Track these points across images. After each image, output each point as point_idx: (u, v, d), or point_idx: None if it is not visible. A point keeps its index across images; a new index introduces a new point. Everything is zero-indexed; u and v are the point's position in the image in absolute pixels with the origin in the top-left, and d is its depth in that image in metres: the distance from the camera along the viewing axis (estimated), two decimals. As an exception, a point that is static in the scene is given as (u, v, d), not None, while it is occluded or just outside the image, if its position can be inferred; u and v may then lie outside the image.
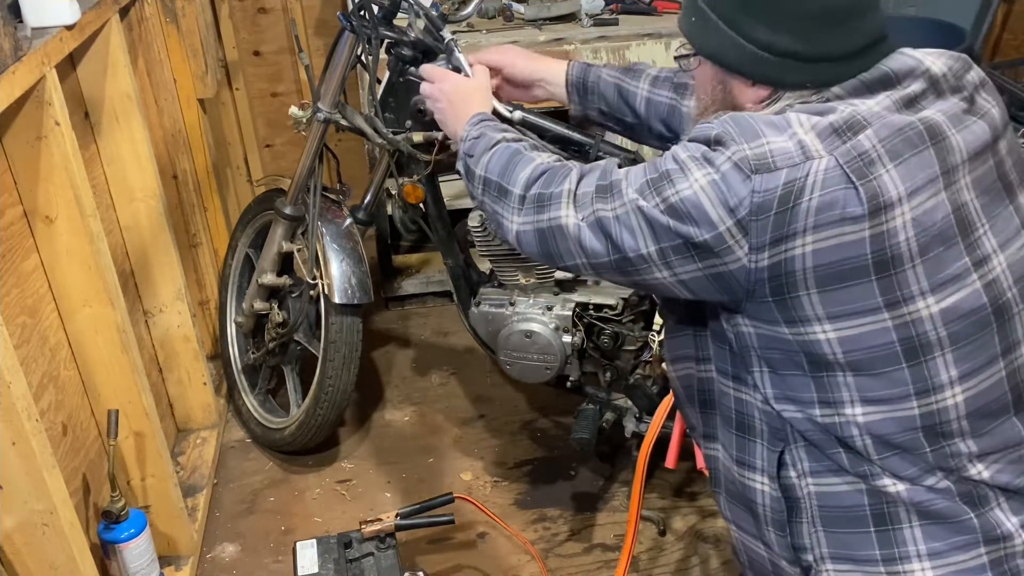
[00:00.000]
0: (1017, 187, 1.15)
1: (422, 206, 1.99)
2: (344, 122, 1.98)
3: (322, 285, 2.08)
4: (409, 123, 1.89)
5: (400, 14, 1.86)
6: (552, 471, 2.24)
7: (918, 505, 1.09)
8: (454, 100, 1.55)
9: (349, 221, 2.13)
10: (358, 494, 2.21)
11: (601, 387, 2.00)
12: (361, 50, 1.90)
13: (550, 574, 1.96)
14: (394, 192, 2.04)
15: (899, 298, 1.04)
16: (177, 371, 2.23)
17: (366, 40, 1.84)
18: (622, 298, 1.90)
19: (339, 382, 2.13)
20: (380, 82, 1.91)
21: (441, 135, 1.86)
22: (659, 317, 1.82)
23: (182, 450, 2.28)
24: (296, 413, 2.25)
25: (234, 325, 2.44)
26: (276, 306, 2.28)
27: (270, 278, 2.24)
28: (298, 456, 2.32)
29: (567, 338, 1.92)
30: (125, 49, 1.83)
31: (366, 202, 2.18)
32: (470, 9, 1.99)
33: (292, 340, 2.28)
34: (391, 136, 1.88)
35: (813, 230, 1.01)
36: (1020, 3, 3.20)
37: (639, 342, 1.90)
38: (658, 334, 1.80)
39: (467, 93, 1.56)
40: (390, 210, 2.79)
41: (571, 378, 2.00)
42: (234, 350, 2.45)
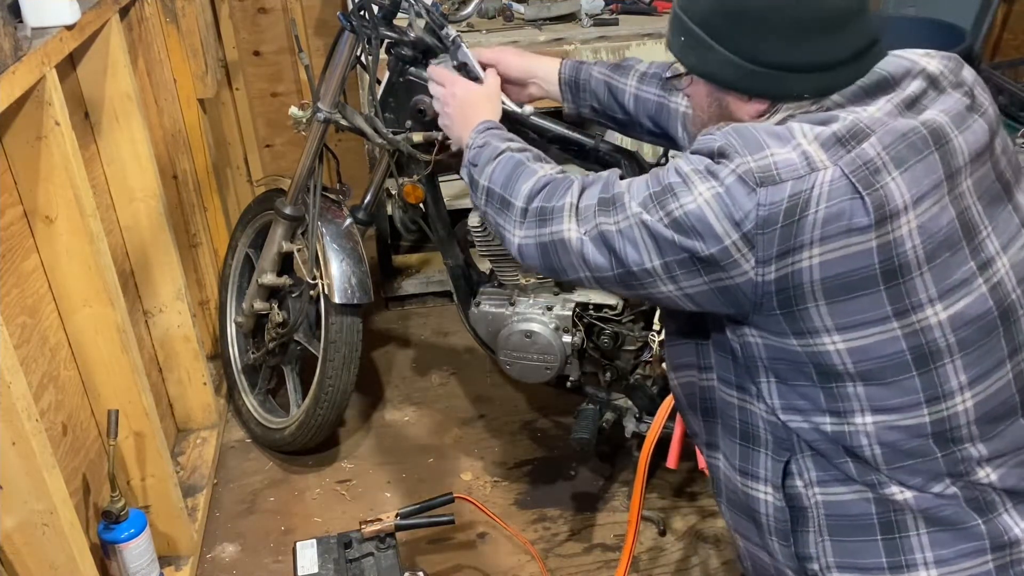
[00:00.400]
0: (1014, 186, 1.15)
1: (422, 206, 1.99)
2: (344, 122, 1.98)
3: (322, 285, 2.08)
4: (409, 123, 1.89)
5: (400, 14, 1.86)
6: (552, 471, 2.24)
7: (925, 512, 1.09)
8: (462, 106, 1.53)
9: (349, 221, 2.13)
10: (358, 494, 2.21)
11: (601, 387, 2.00)
12: (361, 50, 1.90)
13: (550, 574, 1.96)
14: (394, 192, 2.04)
15: (908, 306, 1.03)
16: (177, 371, 2.23)
17: (366, 40, 1.84)
18: (622, 298, 1.90)
19: (339, 382, 2.13)
20: (380, 82, 1.91)
21: (441, 135, 1.86)
22: (658, 318, 1.82)
23: (182, 450, 2.28)
24: (296, 413, 2.25)
25: (234, 325, 2.44)
26: (276, 306, 2.28)
27: (270, 278, 2.24)
28: (298, 456, 2.32)
29: (567, 338, 1.92)
30: (125, 49, 1.83)
31: (366, 202, 2.18)
32: (470, 9, 1.99)
33: (292, 340, 2.28)
34: (391, 136, 1.88)
35: (820, 242, 1.01)
36: (1020, 3, 3.20)
37: (639, 342, 1.90)
38: (658, 334, 1.80)
39: (475, 99, 1.55)
40: (390, 210, 2.79)
41: (571, 378, 2.00)
42: (234, 350, 2.45)
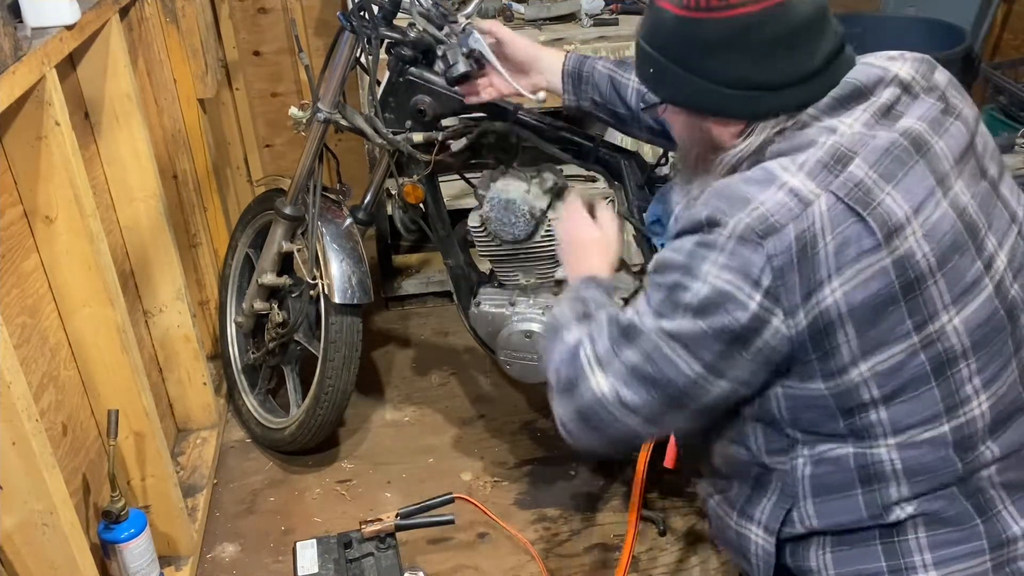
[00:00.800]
0: (998, 180, 1.15)
1: (422, 206, 1.99)
2: (344, 122, 1.98)
3: (322, 285, 2.08)
4: (409, 123, 1.89)
5: (400, 14, 1.86)
6: (552, 471, 2.24)
7: (926, 515, 1.08)
8: (577, 249, 1.46)
9: (349, 221, 2.13)
10: (358, 494, 2.21)
11: (601, 387, 1.99)
12: (361, 50, 1.90)
13: (550, 574, 1.96)
14: (394, 192, 2.04)
15: (925, 317, 1.02)
16: (177, 371, 2.23)
17: (366, 40, 1.84)
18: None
19: (339, 382, 2.13)
20: (380, 83, 1.91)
21: (441, 136, 1.87)
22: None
23: (182, 450, 2.28)
24: (296, 413, 2.25)
25: (234, 325, 2.44)
26: (276, 306, 2.28)
27: (270, 278, 2.24)
28: (298, 456, 2.32)
29: (567, 338, 1.91)
30: (125, 49, 1.83)
31: (366, 202, 2.18)
32: (470, 9, 1.99)
33: (292, 340, 2.27)
34: (391, 136, 1.89)
35: (838, 273, 0.99)
36: (1020, 3, 3.20)
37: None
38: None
39: (591, 247, 1.45)
40: (390, 210, 2.79)
41: (571, 378, 2.00)
42: (234, 350, 2.45)
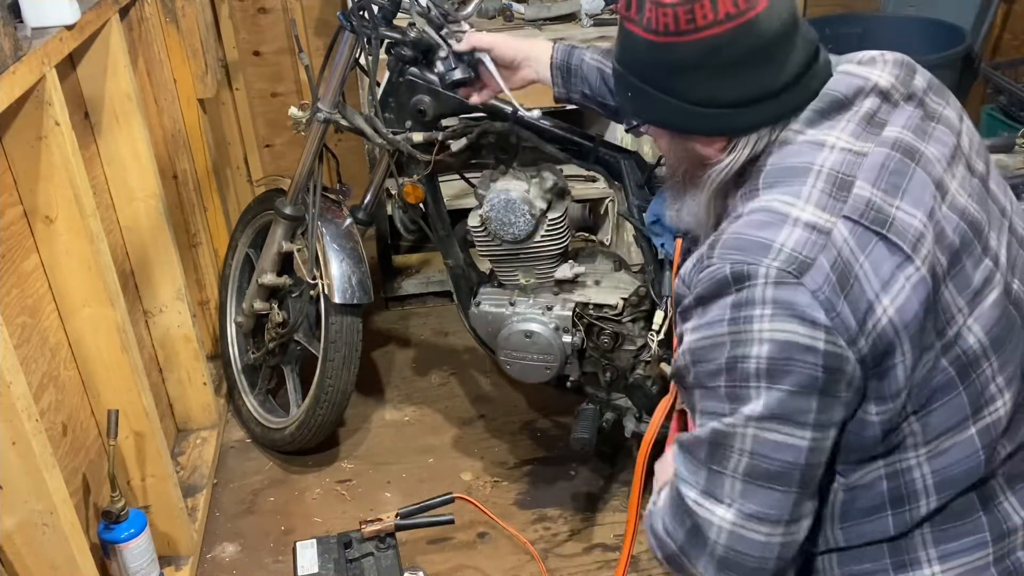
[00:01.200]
0: (987, 176, 1.14)
1: (422, 206, 1.99)
2: (344, 122, 1.98)
3: (322, 285, 2.08)
4: (409, 123, 1.89)
5: (400, 14, 1.86)
6: (552, 471, 2.24)
7: (934, 511, 1.08)
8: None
9: (349, 221, 2.13)
10: (358, 494, 2.21)
11: (601, 387, 2.00)
12: (360, 50, 1.90)
13: (550, 574, 1.96)
14: (394, 192, 2.04)
15: (944, 322, 1.01)
16: (177, 371, 2.23)
17: (366, 40, 1.84)
18: (622, 298, 1.90)
19: (339, 382, 2.13)
20: (379, 83, 1.91)
21: (441, 136, 1.86)
22: (658, 318, 1.82)
23: (182, 450, 2.28)
24: (296, 413, 2.25)
25: (234, 325, 2.44)
26: (276, 306, 2.28)
27: (270, 278, 2.24)
28: (298, 456, 2.32)
29: (567, 338, 1.92)
30: (125, 49, 1.83)
31: (366, 202, 2.18)
32: (470, 9, 1.99)
33: (292, 340, 2.27)
34: (391, 136, 1.89)
35: (884, 291, 0.97)
36: (1020, 3, 3.19)
37: (639, 342, 1.90)
38: (657, 334, 1.80)
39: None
40: (390, 210, 2.79)
41: (571, 378, 2.00)
42: (234, 350, 2.45)
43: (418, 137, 1.88)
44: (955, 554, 1.08)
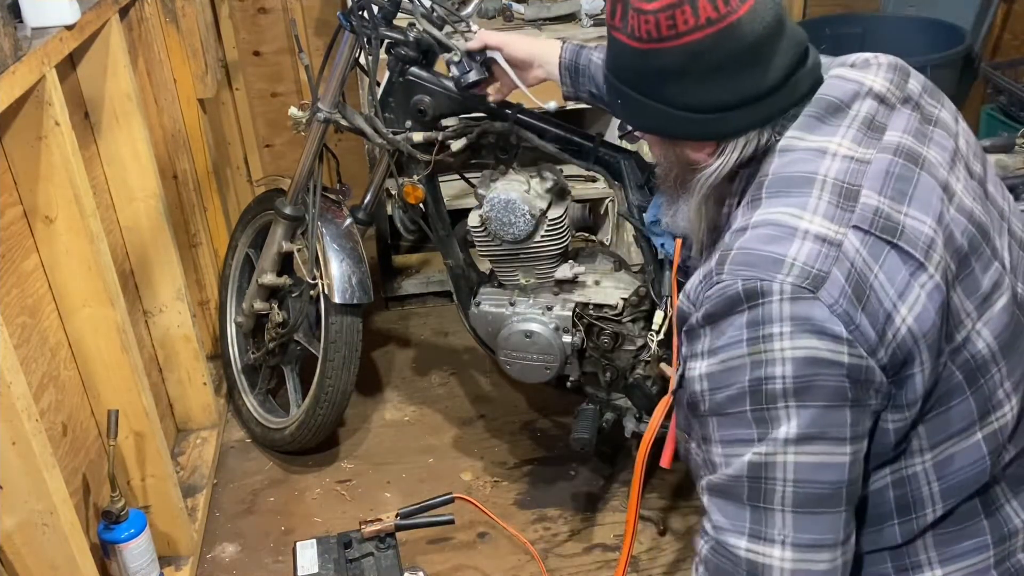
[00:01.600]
0: (984, 177, 1.14)
1: (422, 206, 1.99)
2: (344, 122, 1.98)
3: (322, 285, 2.08)
4: (409, 123, 1.89)
5: (400, 14, 1.86)
6: (552, 471, 2.24)
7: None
8: None
9: (349, 221, 2.13)
10: (358, 494, 2.21)
11: (601, 387, 2.00)
12: (360, 50, 1.90)
13: (550, 574, 1.96)
14: (394, 192, 2.04)
15: (952, 327, 1.00)
16: (177, 371, 2.23)
17: (366, 40, 1.84)
18: (622, 298, 1.90)
19: (339, 382, 2.13)
20: (379, 83, 1.91)
21: (441, 136, 1.86)
22: (658, 318, 1.82)
23: (182, 450, 2.28)
24: (296, 413, 2.25)
25: (234, 325, 2.44)
26: (276, 306, 2.28)
27: (270, 278, 2.24)
28: (298, 456, 2.32)
29: (567, 338, 1.92)
30: (125, 49, 1.83)
31: (366, 202, 2.19)
32: (470, 9, 1.99)
33: (292, 340, 2.27)
34: (391, 136, 1.89)
35: (900, 300, 0.95)
36: (1020, 3, 3.19)
37: (639, 342, 1.90)
38: (657, 334, 1.80)
39: None
40: (390, 210, 2.79)
41: (571, 378, 2.00)
42: (234, 350, 2.45)
43: (418, 137, 1.88)
44: (956, 557, 1.07)
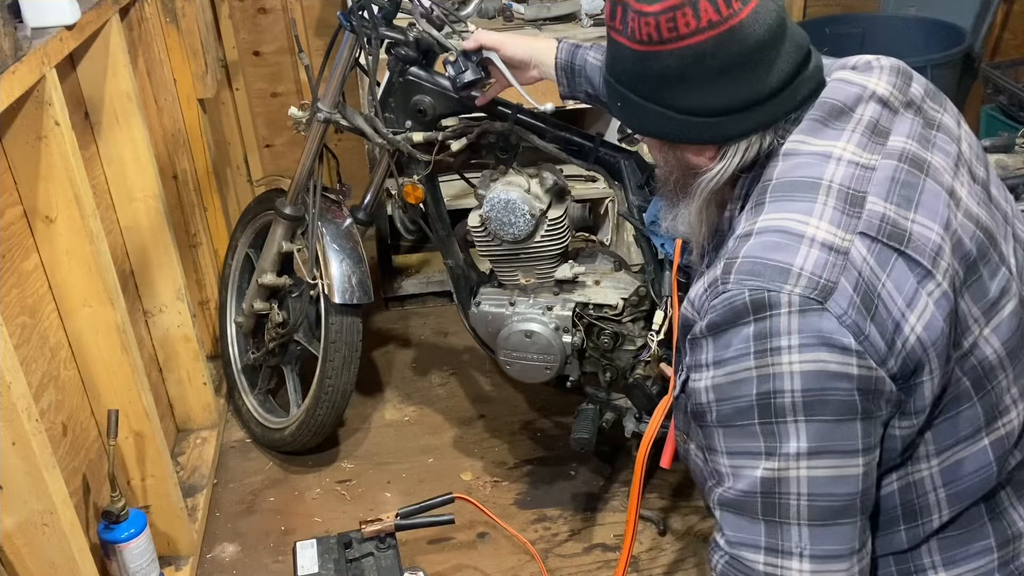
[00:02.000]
0: (988, 181, 1.13)
1: (422, 206, 1.99)
2: (344, 122, 1.98)
3: (322, 285, 2.08)
4: (409, 123, 1.89)
5: (400, 14, 1.86)
6: (552, 471, 2.24)
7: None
8: None
9: (349, 221, 2.13)
10: (358, 494, 2.21)
11: (601, 387, 2.00)
12: (360, 50, 1.90)
13: (550, 574, 1.96)
14: (394, 192, 2.04)
15: (959, 333, 1.00)
16: (177, 371, 2.23)
17: (366, 40, 1.84)
18: (622, 298, 1.90)
19: (339, 382, 2.13)
20: (379, 83, 1.91)
21: (441, 136, 1.86)
22: (658, 318, 1.82)
23: (182, 450, 2.28)
24: (296, 413, 2.25)
25: (234, 325, 2.44)
26: (276, 306, 2.28)
27: (270, 278, 2.24)
28: (298, 456, 2.32)
29: (567, 338, 1.92)
30: (125, 49, 1.83)
31: (366, 202, 2.18)
32: (470, 9, 1.99)
33: (292, 340, 2.27)
34: (391, 136, 1.89)
35: (909, 309, 0.95)
36: (1020, 3, 3.19)
37: (639, 342, 1.90)
38: (657, 334, 1.80)
39: None
40: (390, 210, 2.79)
41: (571, 378, 2.00)
42: (234, 350, 2.45)
43: (418, 137, 1.88)
44: (960, 561, 1.07)
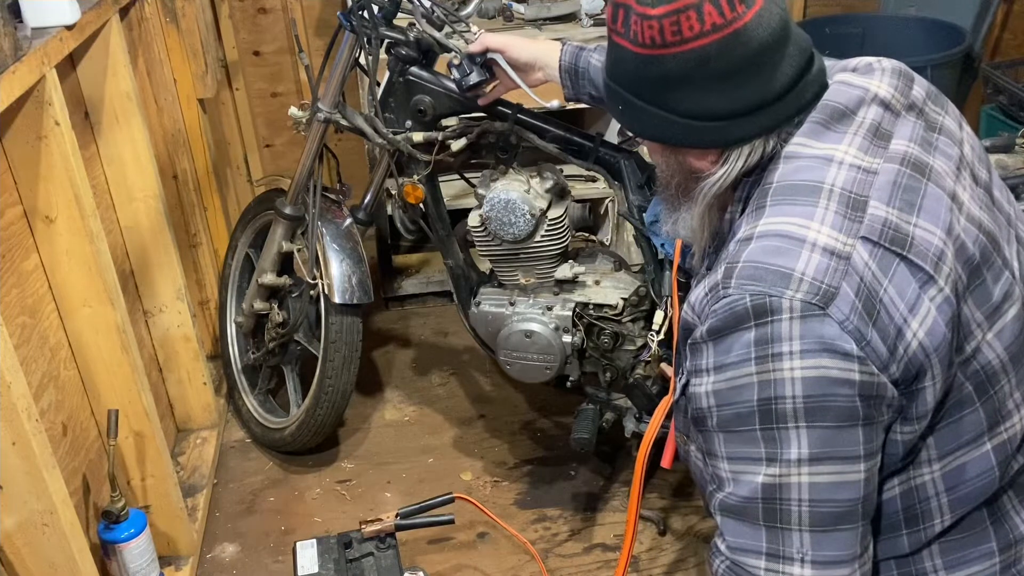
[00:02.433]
0: (990, 184, 1.13)
1: (422, 206, 1.99)
2: (344, 122, 1.98)
3: (322, 285, 2.08)
4: (409, 123, 1.89)
5: (400, 14, 1.86)
6: (552, 471, 2.24)
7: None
8: None
9: (349, 221, 2.13)
10: (358, 494, 2.21)
11: (601, 387, 2.00)
12: (360, 50, 1.90)
13: (550, 574, 1.96)
14: (394, 192, 2.04)
15: (962, 338, 0.99)
16: (177, 371, 2.23)
17: (366, 40, 1.84)
18: (622, 298, 1.90)
19: (339, 382, 2.13)
20: (379, 83, 1.91)
21: (441, 136, 1.86)
22: (658, 318, 1.82)
23: (182, 450, 2.28)
24: (296, 413, 2.25)
25: (234, 325, 2.44)
26: (276, 306, 2.28)
27: (270, 278, 2.24)
28: (298, 456, 2.32)
29: (567, 338, 1.92)
30: (125, 49, 1.83)
31: (366, 202, 2.18)
32: (470, 9, 2.00)
33: (292, 340, 2.27)
34: (391, 136, 1.89)
35: (911, 314, 0.94)
36: (1020, 3, 3.19)
37: (639, 342, 1.90)
38: (657, 334, 1.80)
39: None
40: (390, 210, 2.79)
41: (571, 378, 2.00)
42: (234, 350, 2.45)
43: (418, 137, 1.88)
44: (962, 564, 1.07)
